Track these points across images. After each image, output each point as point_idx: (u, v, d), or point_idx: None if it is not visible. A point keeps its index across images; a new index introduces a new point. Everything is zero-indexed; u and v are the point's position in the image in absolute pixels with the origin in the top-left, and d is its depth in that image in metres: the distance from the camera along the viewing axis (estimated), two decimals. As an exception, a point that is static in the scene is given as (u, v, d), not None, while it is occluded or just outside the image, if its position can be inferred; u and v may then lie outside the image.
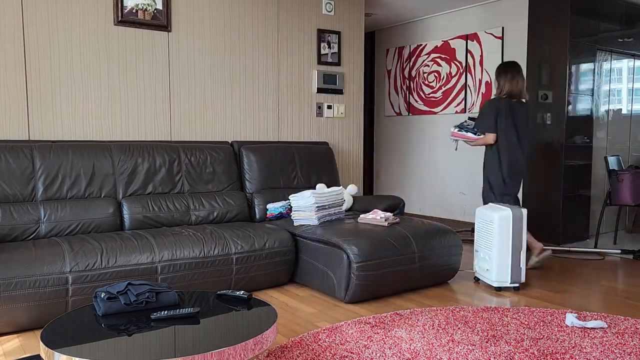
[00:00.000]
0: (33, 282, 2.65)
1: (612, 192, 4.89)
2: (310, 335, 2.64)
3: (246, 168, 4.17)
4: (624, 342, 2.58)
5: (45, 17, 3.58)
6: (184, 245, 3.13)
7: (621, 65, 5.66)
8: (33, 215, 3.20)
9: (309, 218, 3.63)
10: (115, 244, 2.98)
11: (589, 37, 5.18)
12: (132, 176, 3.63)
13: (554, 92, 5.09)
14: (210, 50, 4.27)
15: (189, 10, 4.15)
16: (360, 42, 5.16)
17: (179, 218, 3.67)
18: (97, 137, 3.82)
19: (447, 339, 2.60)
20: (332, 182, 4.53)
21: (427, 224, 3.65)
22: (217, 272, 3.20)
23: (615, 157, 5.21)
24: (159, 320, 1.92)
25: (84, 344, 1.70)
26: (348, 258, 3.17)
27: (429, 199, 6.55)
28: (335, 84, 4.96)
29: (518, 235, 3.45)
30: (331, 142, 5.02)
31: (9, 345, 2.56)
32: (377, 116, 7.29)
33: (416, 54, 6.61)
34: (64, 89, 3.67)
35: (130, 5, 3.85)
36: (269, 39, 4.58)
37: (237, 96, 4.43)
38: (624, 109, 5.77)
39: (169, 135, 4.12)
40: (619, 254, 4.63)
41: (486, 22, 5.79)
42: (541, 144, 5.21)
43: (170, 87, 4.10)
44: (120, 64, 3.88)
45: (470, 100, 5.95)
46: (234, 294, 2.22)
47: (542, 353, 2.44)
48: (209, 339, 1.75)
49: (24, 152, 3.32)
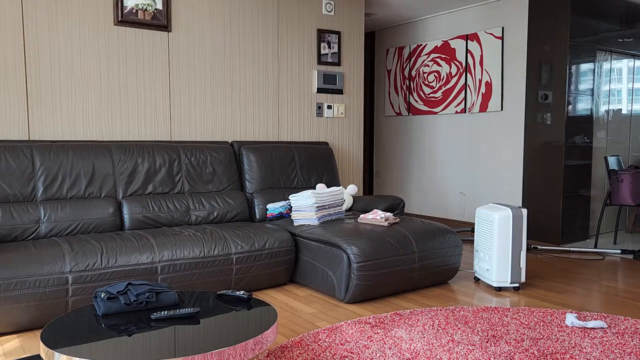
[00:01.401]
0: (33, 282, 2.65)
1: (612, 192, 4.89)
2: (310, 335, 2.64)
3: (246, 168, 4.17)
4: (624, 342, 2.58)
5: (45, 17, 3.58)
6: (184, 245, 3.13)
7: (621, 65, 5.66)
8: (33, 215, 3.20)
9: (309, 218, 3.63)
10: (115, 244, 2.98)
11: (589, 37, 5.18)
12: (132, 176, 3.63)
13: (554, 92, 5.09)
14: (210, 50, 4.27)
15: (189, 10, 4.15)
16: (360, 42, 5.16)
17: (179, 218, 3.66)
18: (97, 137, 3.82)
19: (447, 339, 2.60)
20: (332, 182, 4.53)
21: (427, 224, 3.65)
22: (217, 272, 3.20)
23: (615, 157, 5.21)
24: (159, 320, 1.92)
25: (84, 344, 1.70)
26: (348, 258, 3.17)
27: (429, 199, 6.55)
28: (335, 84, 4.96)
29: (518, 235, 3.45)
30: (331, 142, 5.02)
31: (9, 345, 2.56)
32: (377, 116, 7.29)
33: (416, 54, 6.61)
34: (64, 89, 3.67)
35: (130, 5, 3.85)
36: (269, 39, 4.58)
37: (237, 96, 4.43)
38: (624, 109, 5.77)
39: (169, 135, 4.12)
40: (619, 254, 4.63)
41: (486, 22, 5.79)
42: (541, 144, 5.21)
43: (170, 87, 4.10)
44: (120, 64, 3.88)
45: (470, 100, 5.95)
46: (234, 294, 2.22)
47: (542, 353, 2.44)
48: (209, 339, 1.75)
49: (24, 152, 3.32)
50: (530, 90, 5.27)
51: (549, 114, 5.14)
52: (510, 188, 5.57)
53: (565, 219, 5.11)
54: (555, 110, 5.08)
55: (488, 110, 5.77)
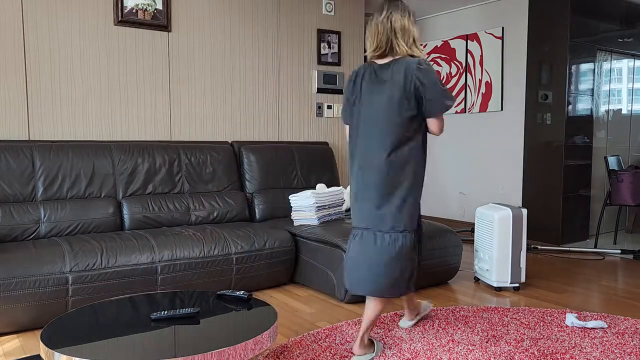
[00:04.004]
0: (33, 282, 2.65)
1: (612, 192, 4.89)
2: (310, 335, 2.64)
3: (246, 168, 4.16)
4: (624, 342, 2.58)
5: (45, 17, 3.58)
6: (184, 245, 3.13)
7: (621, 65, 5.66)
8: (33, 215, 3.20)
9: (309, 218, 3.63)
10: (115, 244, 2.98)
11: (589, 37, 5.18)
12: (132, 176, 3.63)
13: (554, 92, 5.09)
14: (210, 50, 4.27)
15: (189, 10, 4.15)
16: (360, 42, 5.16)
17: (179, 218, 3.66)
18: (97, 137, 3.82)
19: (447, 339, 2.60)
20: (332, 182, 4.53)
21: (426, 224, 3.65)
22: (217, 272, 3.20)
23: (615, 157, 5.21)
24: (159, 320, 1.92)
25: (84, 344, 1.70)
26: (348, 258, 3.16)
27: (429, 199, 6.55)
28: (335, 84, 4.96)
29: (518, 235, 3.45)
30: (331, 142, 5.02)
31: (9, 345, 2.56)
32: (377, 116, 7.27)
33: (416, 54, 6.60)
34: (64, 89, 3.67)
35: (130, 5, 3.85)
36: (269, 39, 4.58)
37: (237, 96, 4.43)
38: (624, 109, 5.77)
39: (169, 135, 4.12)
40: (619, 254, 4.63)
41: (486, 22, 5.79)
42: (541, 144, 5.21)
43: (170, 87, 4.10)
44: (120, 64, 3.88)
45: (470, 100, 5.95)
46: (234, 294, 2.22)
47: (542, 353, 2.44)
48: (209, 339, 1.75)
49: (24, 152, 3.32)
50: (530, 90, 5.27)
51: (549, 114, 5.14)
52: (510, 188, 5.57)
53: (565, 219, 5.11)
54: (555, 110, 5.08)
55: (488, 110, 5.77)
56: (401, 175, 2.29)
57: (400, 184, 2.29)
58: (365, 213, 2.33)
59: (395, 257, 2.28)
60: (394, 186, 2.29)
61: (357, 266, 2.33)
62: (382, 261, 2.28)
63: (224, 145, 4.14)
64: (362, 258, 2.32)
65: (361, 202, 2.34)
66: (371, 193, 2.30)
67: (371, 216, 2.31)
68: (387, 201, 2.29)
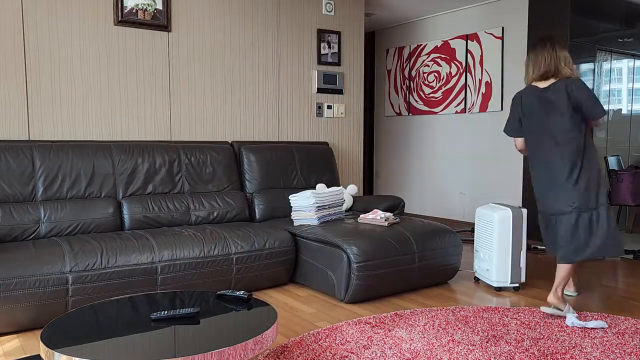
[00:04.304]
0: (33, 282, 2.65)
1: (612, 192, 4.88)
2: (310, 335, 2.64)
3: (246, 168, 4.16)
4: (624, 342, 2.58)
5: (45, 17, 3.58)
6: (184, 245, 3.13)
7: (621, 65, 5.66)
8: (33, 215, 3.20)
9: (309, 218, 3.63)
10: (115, 244, 2.98)
11: (589, 37, 5.18)
12: (132, 176, 3.63)
13: (554, 92, 5.08)
14: (210, 50, 4.27)
15: (189, 10, 4.15)
16: (360, 42, 5.16)
17: (179, 218, 3.66)
18: (97, 137, 3.82)
19: (447, 339, 2.60)
20: (332, 182, 4.53)
21: (427, 224, 3.65)
22: (217, 272, 3.20)
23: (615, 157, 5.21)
24: (159, 320, 1.92)
25: (84, 344, 1.70)
26: (348, 258, 3.17)
27: (429, 199, 6.55)
28: (335, 84, 4.96)
29: (518, 235, 3.45)
30: (331, 142, 5.02)
31: (9, 345, 2.56)
32: (377, 116, 7.29)
33: (416, 54, 6.61)
34: (64, 89, 3.67)
35: (130, 5, 3.85)
36: (269, 39, 4.58)
37: (237, 96, 4.43)
38: (624, 109, 5.77)
39: (169, 135, 4.12)
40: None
41: (486, 22, 5.79)
42: (541, 144, 5.20)
43: (170, 87, 4.10)
44: (120, 64, 3.88)
45: (470, 100, 5.95)
46: (234, 294, 2.22)
47: (542, 353, 2.44)
48: (209, 339, 1.75)
49: (24, 152, 3.32)
50: (530, 90, 5.26)
51: (549, 114, 5.13)
52: (510, 188, 5.57)
53: (565, 219, 5.10)
54: (555, 110, 5.07)
55: (488, 110, 5.77)
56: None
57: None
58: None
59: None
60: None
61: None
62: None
63: (224, 145, 4.14)
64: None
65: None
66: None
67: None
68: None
